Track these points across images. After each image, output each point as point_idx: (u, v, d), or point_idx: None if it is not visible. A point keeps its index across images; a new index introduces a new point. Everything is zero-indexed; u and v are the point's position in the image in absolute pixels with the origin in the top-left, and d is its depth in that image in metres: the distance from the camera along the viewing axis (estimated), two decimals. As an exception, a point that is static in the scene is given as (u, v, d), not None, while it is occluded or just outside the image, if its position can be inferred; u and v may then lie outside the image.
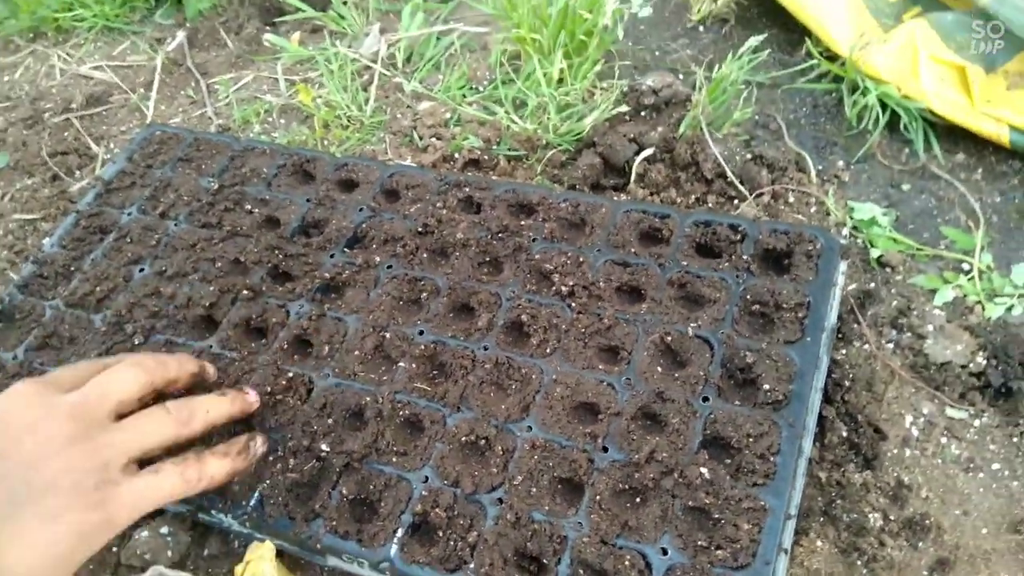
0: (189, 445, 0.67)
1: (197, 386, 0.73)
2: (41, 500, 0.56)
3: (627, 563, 0.62)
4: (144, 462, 0.63)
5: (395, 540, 0.67)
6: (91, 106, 1.20)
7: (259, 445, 0.71)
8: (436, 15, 1.22)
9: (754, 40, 0.97)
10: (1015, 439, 0.72)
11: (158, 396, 0.68)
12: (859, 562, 0.66)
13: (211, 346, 0.82)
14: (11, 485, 0.56)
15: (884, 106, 0.96)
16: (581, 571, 0.64)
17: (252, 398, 0.74)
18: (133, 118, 1.19)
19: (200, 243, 0.91)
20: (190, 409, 0.66)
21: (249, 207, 0.94)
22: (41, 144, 1.14)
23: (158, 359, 0.69)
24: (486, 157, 1.00)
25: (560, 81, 1.03)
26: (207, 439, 0.72)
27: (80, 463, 0.58)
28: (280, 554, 0.71)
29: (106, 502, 0.58)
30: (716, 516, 0.64)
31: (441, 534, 0.67)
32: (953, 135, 0.95)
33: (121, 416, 0.63)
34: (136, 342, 0.83)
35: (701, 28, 1.15)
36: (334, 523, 0.68)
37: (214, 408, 0.69)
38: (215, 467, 0.66)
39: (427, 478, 0.70)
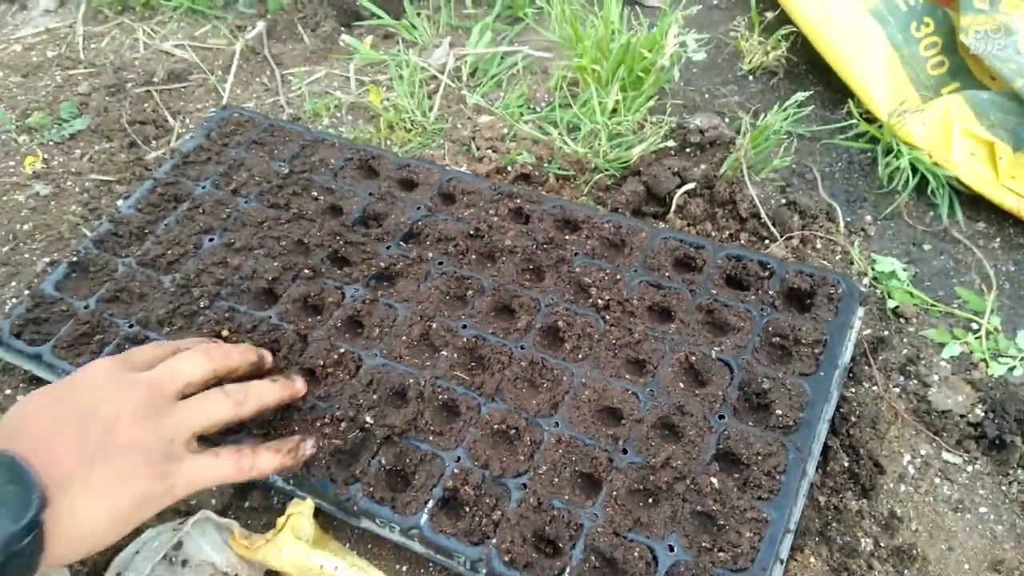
0: (241, 426, 0.75)
1: (254, 373, 0.80)
2: (114, 462, 0.61)
3: (636, 555, 0.69)
4: (201, 439, 0.71)
5: (425, 510, 0.73)
6: (171, 81, 1.28)
7: (308, 448, 0.77)
8: (503, 36, 1.29)
9: (800, 95, 1.04)
10: (1003, 487, 0.78)
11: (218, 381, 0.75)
12: (847, 582, 0.72)
13: (270, 316, 0.88)
14: (89, 444, 0.61)
15: (915, 170, 1.02)
16: (593, 557, 0.70)
17: (299, 385, 0.80)
18: (209, 98, 1.26)
19: (267, 222, 0.98)
20: (246, 393, 0.73)
21: (315, 194, 1.01)
22: (121, 111, 1.22)
23: (223, 349, 0.76)
24: (537, 173, 1.07)
25: (614, 111, 1.10)
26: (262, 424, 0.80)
27: (150, 435, 0.64)
28: (315, 514, 0.77)
29: (169, 474, 0.64)
30: (721, 522, 0.70)
31: (468, 510, 0.73)
32: (976, 204, 1.02)
33: (185, 397, 0.70)
34: (201, 305, 0.90)
35: (750, 78, 1.22)
36: (371, 489, 0.75)
37: (267, 393, 0.75)
38: (266, 461, 0.72)
39: (459, 458, 0.76)
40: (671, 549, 0.69)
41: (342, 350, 0.85)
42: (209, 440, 0.75)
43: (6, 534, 0.53)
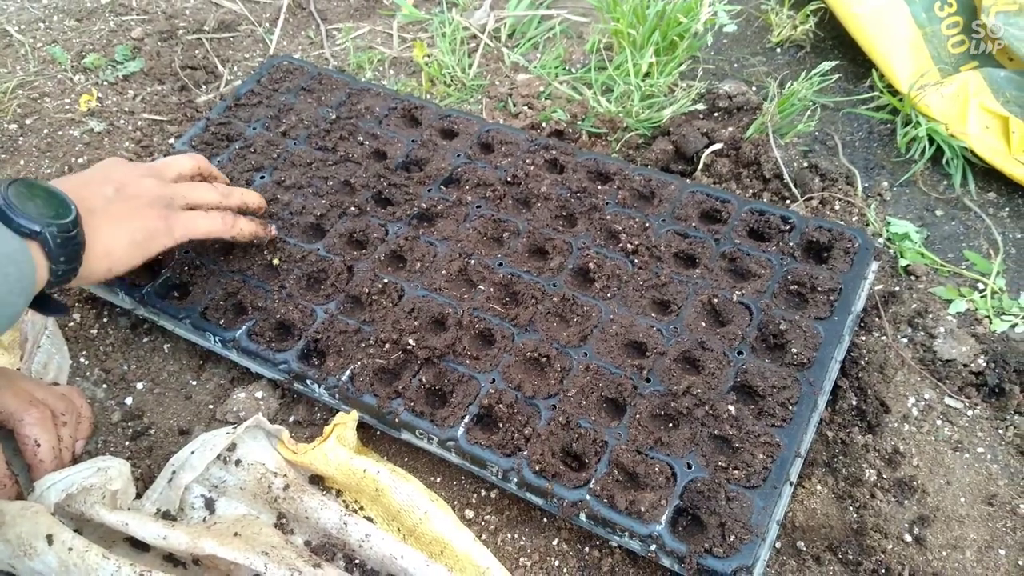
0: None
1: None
2: (126, 203, 0.80)
3: (656, 470, 0.74)
4: None
5: (462, 424, 0.79)
6: (221, 31, 1.33)
7: (272, 230, 0.95)
8: (541, 0, 1.34)
9: (826, 65, 1.09)
10: (1000, 431, 0.83)
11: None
12: (851, 508, 0.78)
13: (318, 249, 0.94)
14: (107, 192, 0.79)
15: (932, 141, 1.07)
16: (616, 471, 0.75)
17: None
18: (257, 48, 1.32)
19: (316, 163, 1.04)
20: (230, 191, 0.92)
21: (361, 139, 1.07)
22: (173, 56, 1.28)
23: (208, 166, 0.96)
24: (570, 130, 1.12)
25: (647, 74, 1.15)
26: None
27: (154, 191, 0.83)
28: (357, 428, 0.82)
29: (169, 218, 0.82)
30: (736, 445, 0.75)
31: (501, 425, 0.79)
32: (988, 175, 1.07)
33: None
34: (253, 235, 0.96)
35: (778, 50, 1.27)
36: (412, 404, 0.81)
37: (250, 199, 0.94)
38: (244, 224, 0.90)
39: (494, 380, 0.82)
40: (689, 466, 0.74)
41: (386, 280, 0.90)
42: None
43: (64, 220, 0.70)
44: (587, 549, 0.77)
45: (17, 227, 0.68)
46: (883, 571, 0.73)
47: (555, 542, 0.77)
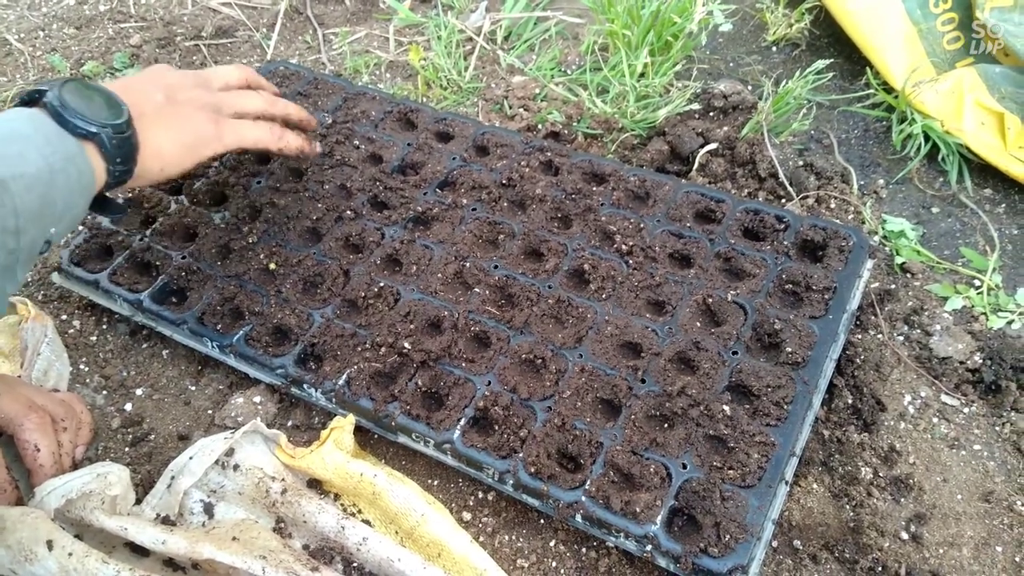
0: None
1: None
2: (177, 108, 0.82)
3: (651, 471, 0.74)
4: None
5: (458, 427, 0.79)
6: (218, 37, 1.34)
7: (317, 147, 0.99)
8: (537, 2, 1.35)
9: (821, 63, 1.09)
10: (997, 427, 0.83)
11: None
12: (848, 506, 0.78)
13: (314, 252, 0.95)
14: (158, 96, 0.81)
15: (927, 138, 1.08)
16: (611, 472, 0.75)
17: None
18: (254, 53, 1.32)
19: (312, 167, 1.04)
20: (275, 100, 0.94)
21: (357, 143, 1.07)
22: (171, 63, 1.28)
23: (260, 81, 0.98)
24: (566, 131, 1.13)
25: (642, 75, 1.16)
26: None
27: (204, 97, 0.85)
28: (354, 432, 0.83)
29: (219, 123, 0.84)
30: (731, 445, 0.76)
31: (497, 427, 0.79)
32: (984, 172, 1.07)
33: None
34: (251, 240, 0.96)
35: (774, 49, 1.27)
36: (408, 407, 0.81)
37: (293, 111, 0.96)
38: (291, 138, 0.92)
39: (490, 382, 0.82)
40: (684, 467, 0.75)
41: (382, 284, 0.91)
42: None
43: (118, 122, 0.72)
44: (584, 550, 0.77)
45: (73, 128, 0.70)
46: (880, 569, 0.73)
47: (552, 543, 0.77)
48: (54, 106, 0.70)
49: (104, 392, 0.91)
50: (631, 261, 0.91)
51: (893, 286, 0.95)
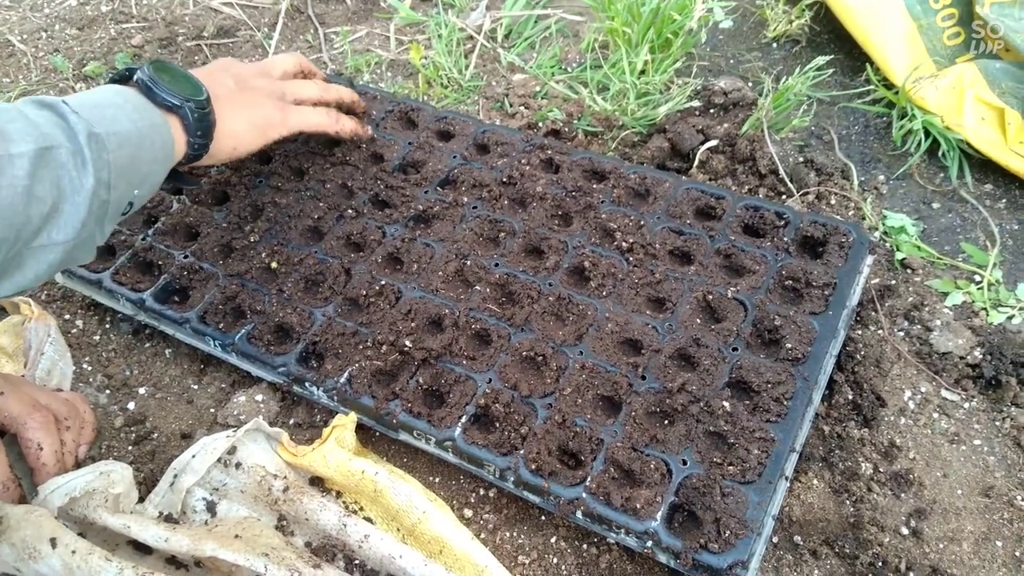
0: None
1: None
2: (247, 94, 0.90)
3: (652, 467, 0.75)
4: None
5: (459, 424, 0.79)
6: (220, 37, 1.34)
7: (369, 130, 1.06)
8: (537, 0, 1.35)
9: (821, 59, 1.09)
10: (997, 423, 0.83)
11: None
12: (848, 501, 0.78)
13: (316, 251, 0.95)
14: (230, 83, 0.89)
15: (927, 133, 1.07)
16: (612, 469, 0.76)
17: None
18: (256, 53, 1.33)
19: (313, 167, 1.04)
20: (328, 86, 1.03)
21: (358, 142, 1.07)
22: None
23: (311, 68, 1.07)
24: (566, 129, 1.13)
25: (642, 72, 1.16)
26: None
27: (269, 86, 0.95)
28: (355, 430, 0.83)
29: (284, 109, 0.94)
30: (732, 441, 0.76)
31: (498, 425, 0.79)
32: (985, 167, 1.07)
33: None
34: (252, 239, 0.96)
35: (774, 45, 1.27)
36: (409, 405, 0.81)
37: (344, 94, 1.05)
38: (346, 121, 1.02)
39: (491, 380, 0.82)
40: (684, 463, 0.75)
41: (383, 282, 0.91)
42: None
43: (199, 98, 0.79)
44: (585, 547, 0.77)
45: (161, 100, 0.77)
46: (880, 564, 0.73)
47: (553, 540, 0.78)
48: (144, 81, 0.77)
49: (107, 391, 0.92)
50: (631, 258, 0.91)
51: (893, 282, 0.95)
